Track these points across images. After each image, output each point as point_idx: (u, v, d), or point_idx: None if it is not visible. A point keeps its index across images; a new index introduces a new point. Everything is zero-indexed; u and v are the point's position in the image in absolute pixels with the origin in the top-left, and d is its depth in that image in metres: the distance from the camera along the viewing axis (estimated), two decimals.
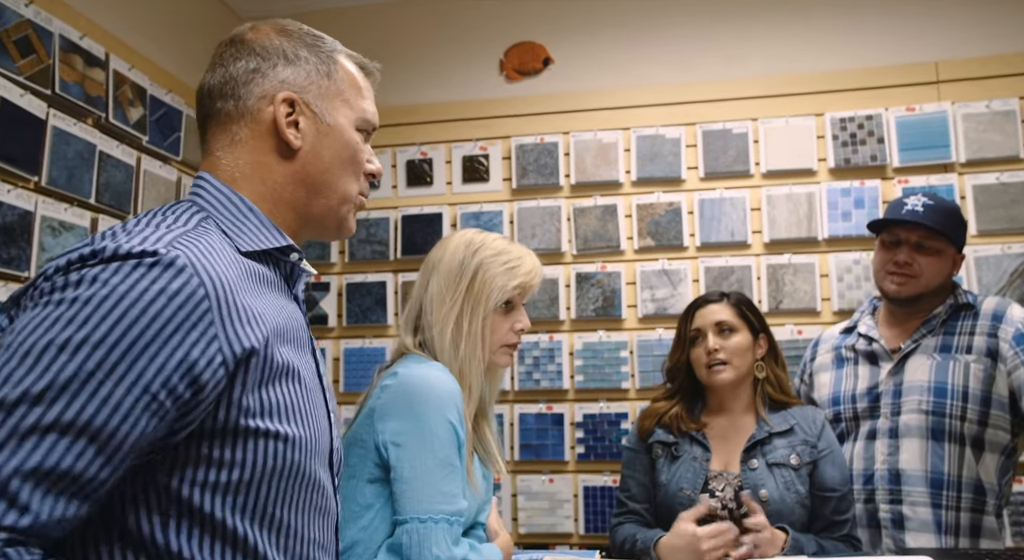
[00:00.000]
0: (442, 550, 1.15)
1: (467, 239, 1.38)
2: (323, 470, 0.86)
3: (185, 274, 0.72)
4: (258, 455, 0.76)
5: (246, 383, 0.75)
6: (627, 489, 1.73)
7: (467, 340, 1.32)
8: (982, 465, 1.74)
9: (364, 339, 2.94)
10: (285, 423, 0.78)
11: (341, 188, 0.93)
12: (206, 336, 0.72)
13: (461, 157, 2.97)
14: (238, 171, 0.89)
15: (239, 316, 0.75)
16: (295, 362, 0.82)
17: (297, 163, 0.90)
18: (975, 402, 1.74)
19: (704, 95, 2.84)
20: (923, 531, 1.75)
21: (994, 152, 2.61)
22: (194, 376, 0.71)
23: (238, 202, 0.87)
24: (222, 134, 0.90)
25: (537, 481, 2.75)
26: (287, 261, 0.91)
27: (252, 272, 0.84)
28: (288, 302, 0.89)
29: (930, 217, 1.81)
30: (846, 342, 1.99)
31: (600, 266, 2.82)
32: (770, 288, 2.70)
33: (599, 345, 2.78)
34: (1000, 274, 2.55)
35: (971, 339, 1.80)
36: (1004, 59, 2.66)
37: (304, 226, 0.94)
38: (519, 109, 2.97)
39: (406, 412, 1.21)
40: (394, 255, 2.97)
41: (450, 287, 1.34)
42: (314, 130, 0.90)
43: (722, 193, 2.77)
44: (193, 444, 0.74)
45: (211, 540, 0.74)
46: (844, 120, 2.71)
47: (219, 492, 0.74)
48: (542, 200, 2.89)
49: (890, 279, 1.85)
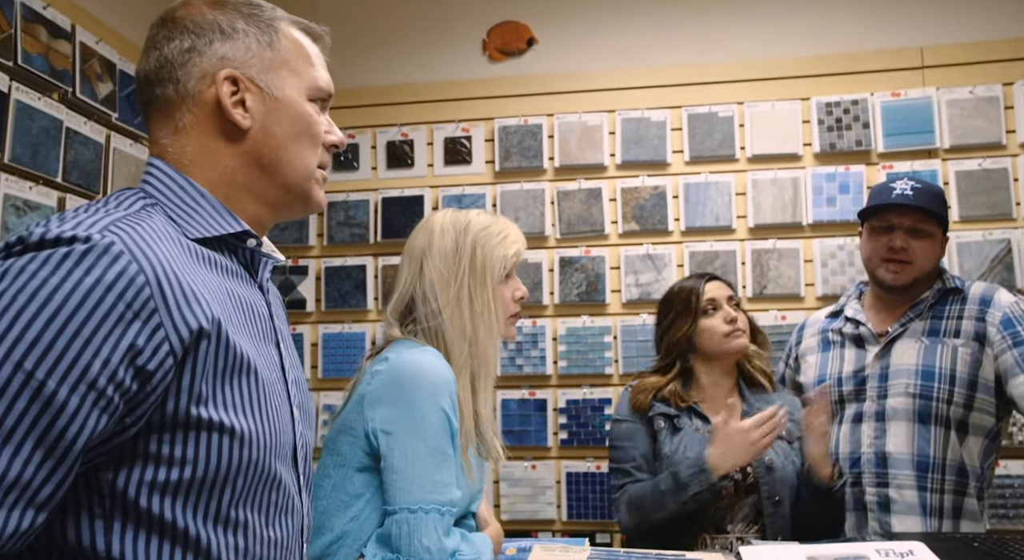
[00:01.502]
0: (433, 541, 1.11)
1: (450, 220, 1.34)
2: (285, 467, 0.80)
3: (122, 261, 0.66)
4: (211, 452, 0.71)
5: (195, 372, 0.70)
6: (631, 459, 1.68)
7: (483, 317, 1.29)
8: (966, 448, 1.75)
9: (343, 324, 2.88)
10: (239, 417, 0.73)
11: (299, 164, 0.87)
12: (150, 325, 0.67)
13: (443, 139, 2.91)
14: (186, 158, 0.83)
15: (185, 300, 0.70)
16: (250, 354, 0.76)
17: (248, 144, 0.84)
18: (962, 385, 1.74)
19: (690, 78, 2.80)
20: (909, 514, 1.75)
21: (977, 138, 2.62)
22: (139, 366, 0.66)
23: (188, 188, 0.81)
24: (165, 122, 0.84)
25: (520, 467, 2.72)
26: (244, 248, 0.86)
27: (203, 258, 0.78)
28: (249, 290, 0.84)
29: (921, 200, 1.79)
30: (833, 326, 1.98)
31: (584, 250, 2.79)
32: (755, 273, 2.68)
33: (583, 330, 2.76)
34: (981, 260, 2.56)
35: (959, 323, 1.79)
36: (989, 45, 2.66)
37: (268, 209, 0.88)
38: (502, 90, 2.91)
39: (397, 399, 1.16)
40: (374, 238, 2.91)
41: (451, 269, 1.30)
42: (262, 107, 0.84)
43: (707, 177, 2.75)
44: (140, 441, 0.69)
45: (159, 543, 0.69)
46: (830, 105, 2.70)
47: (169, 492, 0.69)
48: (525, 183, 2.85)
49: (885, 266, 1.83)
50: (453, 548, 1.13)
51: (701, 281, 1.79)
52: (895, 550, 1.26)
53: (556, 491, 2.70)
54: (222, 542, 0.72)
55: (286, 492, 0.81)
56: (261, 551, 0.76)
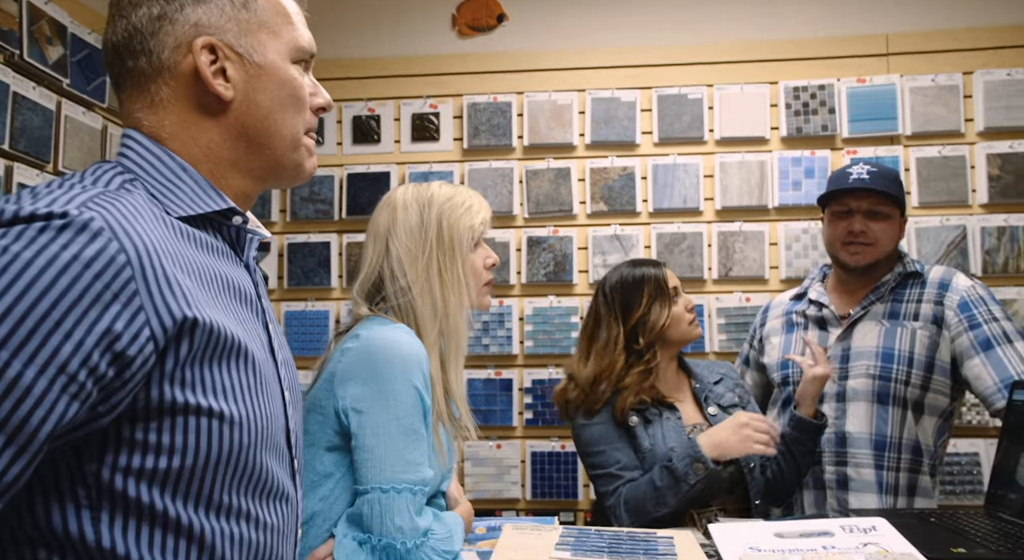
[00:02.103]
0: (405, 520, 1.09)
1: (412, 194, 1.32)
2: (277, 452, 0.77)
3: (102, 238, 0.62)
4: (200, 438, 0.67)
5: (180, 359, 0.66)
6: (616, 461, 1.63)
7: (454, 290, 1.27)
8: (921, 428, 1.80)
9: (306, 302, 2.83)
10: (228, 403, 0.70)
11: (287, 132, 0.82)
12: (130, 308, 0.62)
13: (410, 115, 2.85)
14: (165, 132, 0.78)
15: (169, 285, 0.66)
16: (241, 336, 0.73)
17: (231, 116, 0.79)
18: (919, 367, 1.79)
19: (660, 59, 2.79)
20: (865, 491, 1.80)
21: (938, 126, 2.67)
22: (117, 352, 0.62)
23: (169, 162, 0.76)
24: (140, 96, 0.78)
25: (485, 447, 2.71)
26: (230, 225, 0.81)
27: (188, 236, 0.74)
28: (235, 270, 0.80)
29: (877, 183, 1.82)
30: (796, 308, 2.01)
31: (552, 230, 2.78)
32: (720, 255, 2.71)
33: (549, 310, 2.75)
34: (938, 245, 2.63)
35: (918, 306, 1.83)
36: (950, 34, 2.71)
37: (255, 182, 0.83)
38: (471, 66, 2.87)
39: (369, 376, 1.14)
40: (339, 215, 2.85)
41: (417, 245, 1.27)
42: (244, 74, 0.79)
43: (676, 159, 2.75)
44: (125, 428, 0.65)
45: (151, 532, 0.66)
46: (797, 89, 2.72)
47: (158, 480, 0.66)
48: (494, 161, 2.82)
49: (846, 249, 1.86)
50: (425, 527, 1.12)
51: (660, 268, 1.79)
52: (859, 526, 1.29)
53: (521, 470, 2.71)
54: (216, 529, 0.69)
55: (279, 477, 0.78)
56: (256, 537, 0.73)
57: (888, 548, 1.19)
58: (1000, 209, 2.62)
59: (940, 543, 1.24)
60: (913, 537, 1.22)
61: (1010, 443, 1.49)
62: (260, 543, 0.73)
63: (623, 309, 1.74)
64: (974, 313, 1.77)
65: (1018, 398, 1.52)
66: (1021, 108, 2.62)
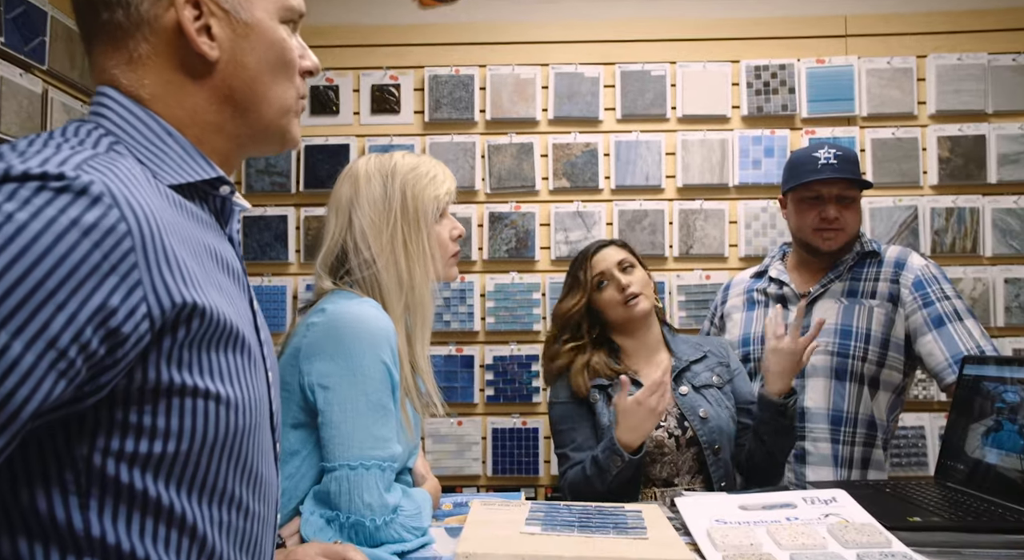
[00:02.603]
0: (374, 497, 1.07)
1: (375, 165, 1.28)
2: (264, 436, 0.74)
3: (101, 205, 0.57)
4: (197, 421, 0.63)
5: (179, 340, 0.62)
6: (571, 441, 1.67)
7: (419, 262, 1.24)
8: (876, 403, 1.85)
9: (263, 277, 2.75)
10: (226, 384, 0.66)
11: (275, 97, 0.77)
12: (127, 281, 0.58)
13: (370, 86, 2.78)
14: (146, 92, 0.71)
15: (167, 262, 0.61)
16: (235, 319, 0.69)
17: (217, 78, 0.73)
18: (875, 344, 1.83)
19: (624, 34, 2.78)
20: (822, 465, 1.84)
21: (892, 108, 2.72)
22: (110, 329, 0.57)
23: (153, 125, 0.71)
24: (116, 52, 0.72)
25: (445, 424, 2.70)
26: (217, 195, 0.76)
27: (180, 206, 0.69)
28: (222, 244, 0.75)
29: (846, 169, 1.85)
30: (757, 286, 2.04)
31: (514, 206, 2.76)
32: (681, 233, 2.73)
33: (511, 287, 2.74)
34: (891, 225, 2.69)
35: (875, 285, 1.88)
36: (905, 18, 2.75)
37: (239, 148, 0.78)
38: (433, 38, 2.80)
39: (335, 351, 1.11)
40: (296, 188, 2.77)
41: (381, 216, 1.24)
42: (230, 33, 0.73)
43: (638, 136, 2.75)
44: (119, 410, 0.60)
45: (141, 520, 0.62)
46: (759, 68, 2.74)
47: (151, 466, 0.62)
48: (456, 135, 2.77)
49: (819, 236, 1.88)
50: (394, 504, 1.10)
51: (590, 253, 1.77)
52: (819, 497, 1.32)
53: (482, 447, 2.71)
54: (206, 517, 0.66)
55: (266, 461, 0.74)
56: (243, 525, 0.70)
57: (848, 518, 1.22)
58: (949, 191, 2.69)
59: (896, 513, 1.27)
60: (871, 507, 1.26)
61: (959, 416, 1.54)
62: (246, 530, 0.71)
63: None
64: (928, 291, 1.81)
65: (968, 373, 1.57)
66: (970, 92, 2.69)
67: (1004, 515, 1.24)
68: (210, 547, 0.66)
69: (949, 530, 1.20)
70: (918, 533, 1.19)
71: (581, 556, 1.02)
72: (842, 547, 1.12)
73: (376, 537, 1.07)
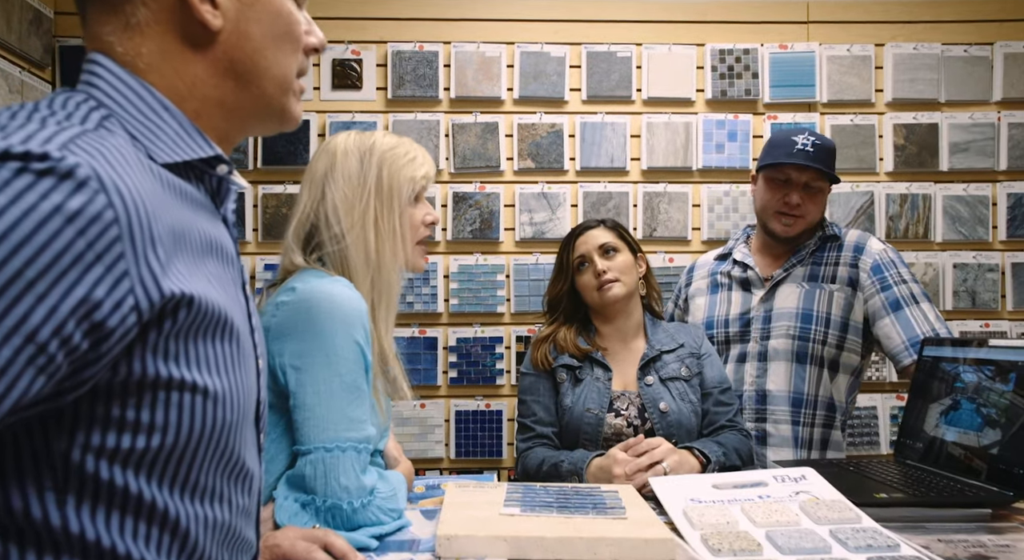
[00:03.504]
0: (351, 480, 1.04)
1: (353, 141, 1.26)
2: (250, 430, 0.71)
3: (87, 189, 0.53)
4: (183, 415, 0.60)
5: (165, 332, 0.58)
6: (532, 414, 1.70)
7: (388, 241, 1.21)
8: (835, 385, 1.89)
9: None
10: (213, 377, 0.63)
11: (278, 72, 0.72)
12: (113, 272, 0.54)
13: (331, 60, 2.70)
14: (142, 61, 0.67)
15: (156, 251, 0.57)
16: (226, 307, 0.65)
17: (219, 49, 0.69)
18: (835, 327, 1.87)
19: (590, 15, 2.76)
20: (783, 446, 1.88)
21: (851, 95, 2.77)
22: (95, 322, 0.53)
23: (148, 98, 0.66)
24: (112, 16, 0.66)
25: (408, 406, 2.67)
26: (213, 175, 0.71)
27: (173, 188, 0.64)
28: (217, 226, 0.71)
29: (820, 159, 1.86)
30: (722, 268, 2.06)
31: (478, 186, 2.72)
32: (645, 216, 2.74)
33: (475, 268, 2.71)
34: (848, 210, 2.75)
35: (836, 269, 1.91)
36: (865, 6, 2.80)
37: (239, 125, 0.74)
38: (396, 12, 2.74)
39: (307, 331, 1.07)
40: (253, 164, 2.69)
41: (356, 190, 1.20)
42: (236, 2, 0.69)
43: (604, 117, 2.74)
44: (100, 405, 0.57)
45: (121, 517, 0.58)
46: (723, 52, 2.75)
47: (133, 461, 0.58)
48: (419, 113, 2.72)
49: (779, 219, 1.90)
50: (371, 485, 1.08)
51: (576, 234, 1.77)
52: (789, 475, 1.34)
53: (445, 430, 2.69)
54: (190, 513, 0.62)
55: (250, 455, 0.71)
56: (227, 519, 0.67)
57: (818, 495, 1.25)
58: (904, 177, 2.77)
59: (863, 489, 1.31)
60: (838, 485, 1.29)
61: (917, 396, 1.58)
62: (229, 525, 0.67)
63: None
64: (885, 275, 1.85)
65: (927, 354, 1.61)
66: (925, 81, 2.76)
67: (964, 490, 1.28)
68: (192, 542, 0.63)
69: (913, 505, 1.24)
70: (884, 509, 1.22)
71: (562, 536, 1.02)
72: (815, 523, 1.14)
73: (353, 520, 1.05)
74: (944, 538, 1.13)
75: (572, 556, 1.01)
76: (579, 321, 1.77)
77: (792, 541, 1.06)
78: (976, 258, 2.74)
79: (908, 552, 1.05)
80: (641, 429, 1.62)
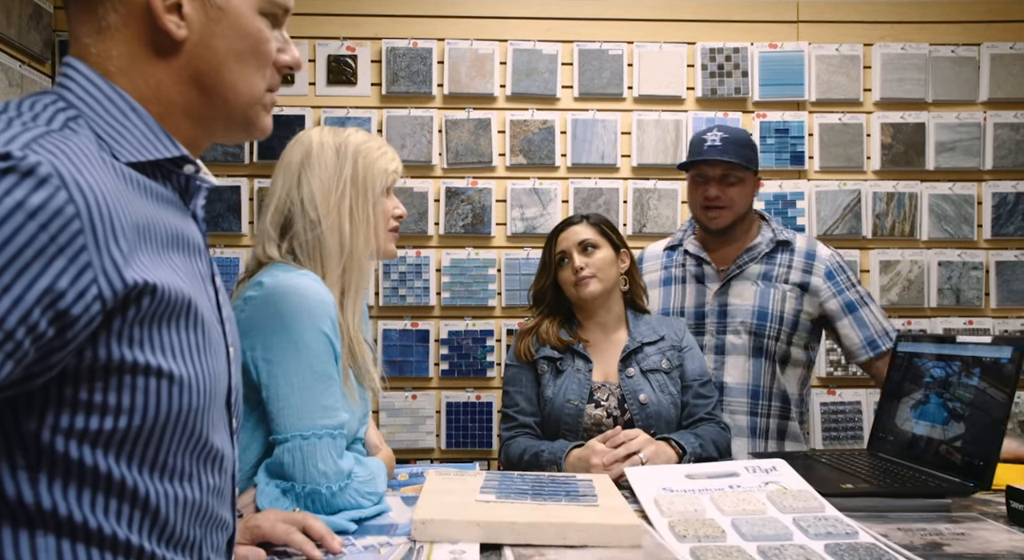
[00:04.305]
0: (328, 465, 1.09)
1: (329, 134, 1.31)
2: (219, 412, 0.75)
3: (49, 186, 0.56)
4: (148, 399, 0.64)
5: (129, 319, 0.62)
6: (515, 404, 1.75)
7: (362, 229, 1.26)
8: (787, 377, 1.98)
9: (215, 248, 2.71)
10: (178, 362, 0.66)
11: (243, 86, 0.75)
12: (76, 264, 0.57)
13: (326, 56, 2.74)
14: (112, 65, 0.70)
15: (118, 243, 0.60)
16: (191, 295, 0.68)
17: (183, 58, 0.72)
18: (787, 325, 1.97)
19: (582, 13, 2.79)
20: (739, 436, 1.94)
21: (839, 94, 2.81)
22: (59, 310, 0.57)
23: (117, 100, 0.69)
24: (87, 18, 0.70)
25: (400, 397, 2.72)
26: (180, 174, 0.75)
27: (137, 185, 0.68)
28: (184, 221, 0.74)
29: (728, 152, 1.93)
30: (675, 259, 2.09)
31: (471, 182, 2.76)
32: (635, 212, 2.78)
33: (467, 262, 2.75)
34: (835, 208, 2.79)
35: (788, 272, 2.00)
36: (854, 6, 2.83)
37: (204, 132, 0.77)
38: (391, 9, 2.77)
39: (275, 325, 1.11)
40: (249, 159, 2.72)
41: (332, 179, 1.24)
42: (202, 16, 0.72)
43: (595, 114, 2.78)
44: (68, 388, 0.60)
45: (92, 494, 0.62)
46: (713, 51, 2.79)
47: (101, 442, 0.62)
48: (413, 109, 2.75)
49: (705, 214, 1.99)
50: (348, 469, 1.12)
51: (558, 230, 1.81)
52: (761, 466, 1.38)
53: (436, 421, 2.74)
54: (160, 491, 0.66)
55: (221, 438, 0.75)
56: (198, 498, 0.71)
57: (787, 486, 1.29)
58: (890, 176, 2.80)
59: (830, 481, 1.35)
60: (807, 476, 1.33)
61: (890, 391, 1.62)
62: (201, 503, 0.71)
63: None
64: (838, 280, 1.96)
65: (900, 350, 1.65)
66: (912, 81, 2.79)
67: (927, 481, 1.32)
68: (163, 518, 0.67)
69: (876, 496, 1.28)
70: (849, 499, 1.27)
71: (533, 521, 1.06)
72: (780, 512, 1.18)
73: (333, 504, 1.09)
74: (904, 527, 1.18)
75: (542, 541, 1.05)
76: (563, 314, 1.81)
77: (755, 528, 1.10)
78: (961, 256, 2.78)
79: (866, 539, 1.09)
80: (621, 420, 1.66)
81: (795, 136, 2.79)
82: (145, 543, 0.65)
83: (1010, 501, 1.22)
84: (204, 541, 0.73)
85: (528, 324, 1.82)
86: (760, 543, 1.07)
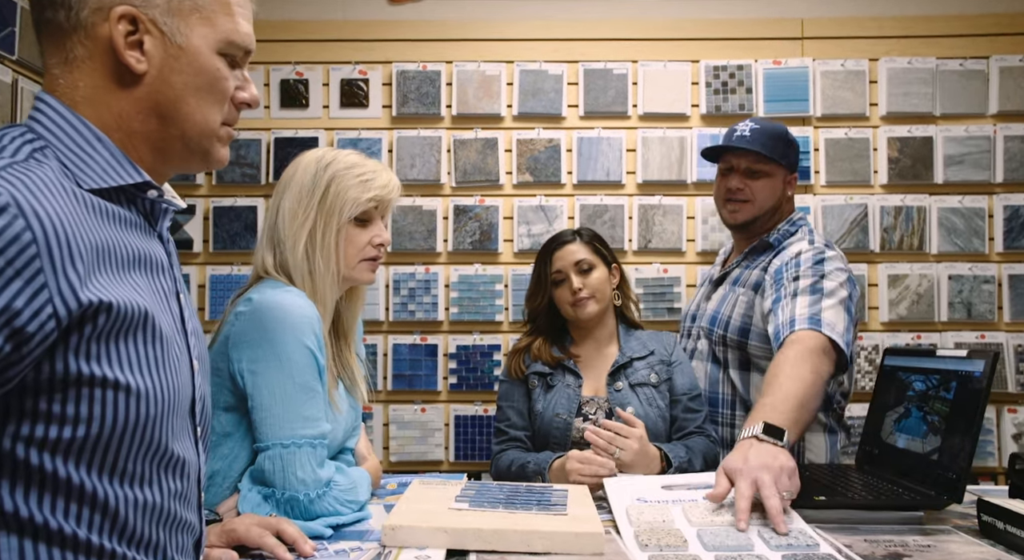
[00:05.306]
0: (307, 473, 1.15)
1: (319, 155, 1.34)
2: (182, 421, 0.79)
3: (7, 214, 0.62)
4: (106, 409, 0.69)
5: (85, 335, 0.67)
6: (506, 418, 1.79)
7: (322, 253, 1.29)
8: (751, 385, 1.87)
9: (232, 266, 2.82)
10: (135, 374, 0.71)
11: (200, 119, 0.81)
12: (32, 285, 0.63)
13: (339, 80, 2.84)
14: (79, 95, 0.76)
15: (74, 265, 0.66)
16: (149, 310, 0.74)
17: (143, 89, 0.78)
18: (732, 331, 1.86)
19: (587, 33, 2.85)
20: None
21: (845, 109, 2.81)
22: (15, 328, 0.62)
23: (83, 130, 0.75)
24: (56, 50, 0.77)
25: (409, 411, 2.78)
26: (144, 198, 0.81)
27: (100, 210, 0.74)
28: (149, 242, 0.80)
29: (756, 142, 1.85)
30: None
31: (479, 199, 2.83)
32: (640, 228, 2.81)
33: (475, 278, 2.82)
34: (842, 222, 2.79)
35: (751, 273, 1.89)
36: (859, 22, 2.84)
37: (164, 159, 0.83)
38: (401, 34, 2.87)
39: (261, 339, 1.18)
40: (266, 179, 2.83)
41: (302, 202, 1.29)
42: (162, 52, 0.78)
43: (600, 132, 2.83)
44: (28, 399, 0.66)
45: (53, 499, 0.67)
46: (717, 68, 2.82)
47: (61, 450, 0.67)
48: (423, 130, 2.84)
49: (726, 207, 1.92)
50: (327, 478, 1.18)
51: (552, 248, 1.82)
52: None
53: (445, 433, 2.79)
54: (119, 495, 0.71)
55: (183, 445, 0.79)
56: (159, 501, 0.75)
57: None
58: (898, 190, 2.79)
59: (806, 492, 1.36)
60: None
61: (877, 406, 1.63)
62: (162, 506, 0.76)
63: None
64: (781, 278, 1.76)
65: (887, 364, 1.66)
66: (919, 95, 2.79)
67: (901, 494, 1.33)
68: (123, 520, 0.72)
69: (848, 508, 1.29)
70: (821, 510, 1.28)
71: (498, 528, 1.10)
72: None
73: (311, 510, 1.15)
74: (871, 538, 1.19)
75: (506, 547, 1.10)
76: (556, 331, 1.85)
77: (717, 539, 1.13)
78: (972, 270, 2.75)
79: (826, 550, 1.11)
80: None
81: (800, 151, 2.79)
82: (106, 542, 0.71)
83: (981, 514, 1.22)
84: (168, 542, 0.78)
85: (521, 342, 1.87)
86: (719, 553, 1.10)
